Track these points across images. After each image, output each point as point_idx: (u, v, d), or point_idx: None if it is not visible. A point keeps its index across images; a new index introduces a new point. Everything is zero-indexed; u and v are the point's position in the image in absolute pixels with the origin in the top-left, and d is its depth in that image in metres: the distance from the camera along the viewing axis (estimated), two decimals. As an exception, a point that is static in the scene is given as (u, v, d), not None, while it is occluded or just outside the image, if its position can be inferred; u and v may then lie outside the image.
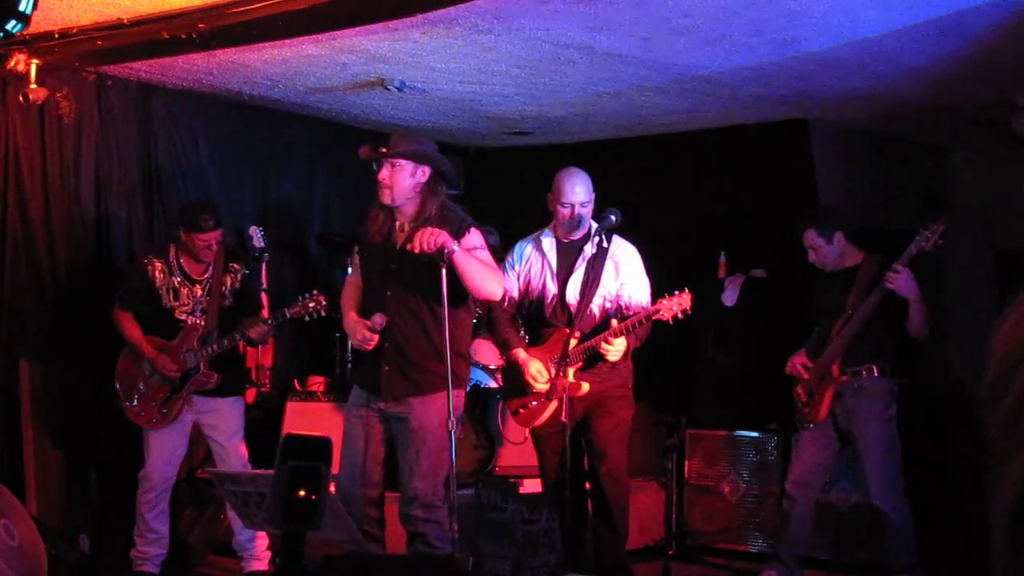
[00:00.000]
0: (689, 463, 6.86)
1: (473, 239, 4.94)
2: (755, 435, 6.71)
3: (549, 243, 5.62)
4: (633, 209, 5.59)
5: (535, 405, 5.51)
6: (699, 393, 7.30)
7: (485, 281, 4.93)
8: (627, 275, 5.52)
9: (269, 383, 6.98)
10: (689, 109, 7.08)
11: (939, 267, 7.74)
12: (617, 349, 5.30)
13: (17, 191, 6.10)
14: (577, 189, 5.46)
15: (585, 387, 5.36)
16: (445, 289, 4.74)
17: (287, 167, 7.54)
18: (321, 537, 4.49)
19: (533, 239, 5.71)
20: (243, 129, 7.22)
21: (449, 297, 4.83)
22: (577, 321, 5.37)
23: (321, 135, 7.61)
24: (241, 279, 5.88)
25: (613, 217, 5.29)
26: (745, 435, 6.75)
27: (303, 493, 2.01)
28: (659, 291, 5.44)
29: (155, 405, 5.76)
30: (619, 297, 5.50)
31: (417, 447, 4.99)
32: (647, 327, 5.40)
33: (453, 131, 8.07)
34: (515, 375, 5.55)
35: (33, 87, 5.68)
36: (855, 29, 5.27)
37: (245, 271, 5.92)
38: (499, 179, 8.83)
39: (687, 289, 5.26)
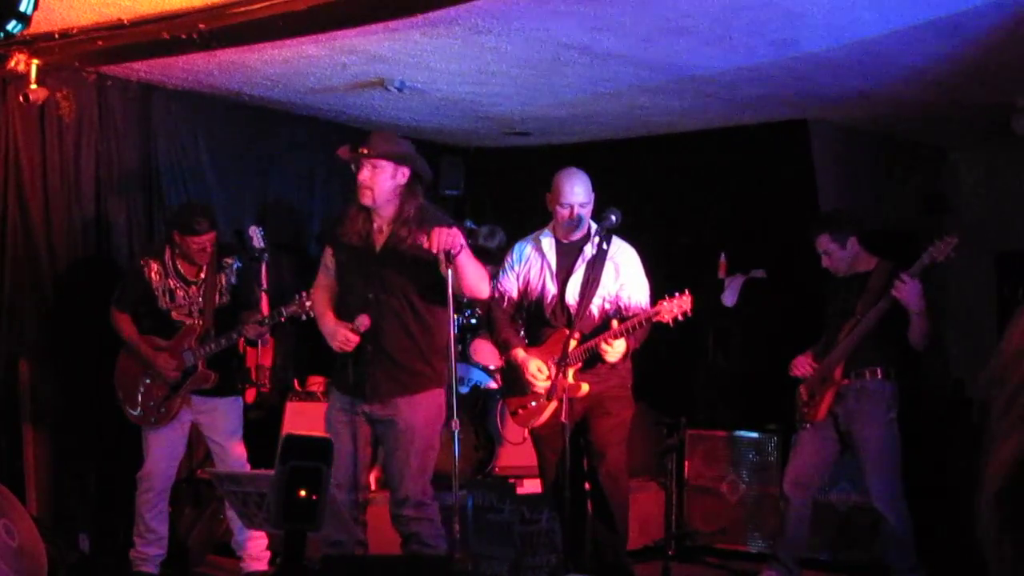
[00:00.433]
0: (689, 463, 6.86)
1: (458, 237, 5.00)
2: (755, 435, 6.71)
3: (549, 243, 5.61)
4: (633, 210, 5.58)
5: (534, 406, 5.50)
6: (699, 393, 7.31)
7: (479, 281, 5.01)
8: (627, 276, 5.51)
9: (269, 383, 6.97)
10: (689, 110, 7.08)
11: (939, 268, 7.73)
12: (617, 350, 5.29)
13: (17, 191, 6.10)
14: (576, 190, 5.46)
15: (585, 388, 5.35)
16: (450, 290, 4.77)
17: (287, 167, 7.54)
18: (319, 537, 4.50)
19: (532, 239, 5.70)
20: (243, 129, 7.22)
21: (434, 297, 4.92)
22: (577, 322, 5.37)
23: (321, 135, 7.59)
24: (236, 272, 5.88)
25: (613, 217, 5.29)
26: (745, 435, 6.75)
27: (303, 493, 2.01)
28: (659, 291, 5.43)
29: (153, 405, 5.77)
30: (618, 298, 5.50)
31: (406, 448, 5.00)
32: (646, 329, 5.39)
33: (453, 131, 8.07)
34: (515, 375, 5.54)
35: (33, 87, 5.69)
36: (855, 30, 5.28)
37: (238, 264, 5.92)
38: (499, 179, 8.83)
39: (687, 291, 5.26)
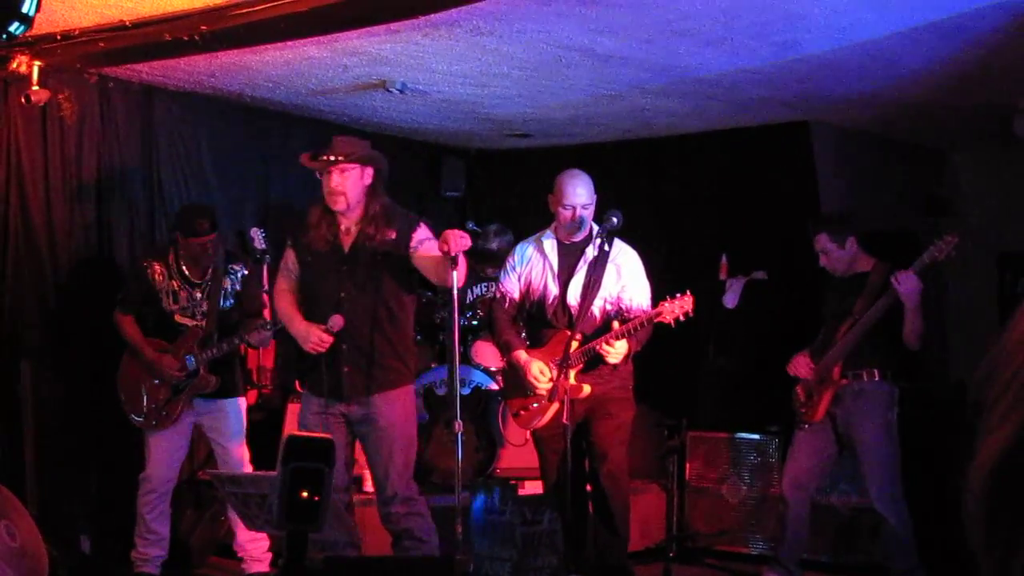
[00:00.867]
0: (690, 465, 6.85)
1: (425, 231, 5.10)
2: (756, 437, 6.70)
3: (550, 245, 5.62)
4: (634, 211, 5.59)
5: (536, 407, 5.50)
6: (700, 395, 7.30)
7: (445, 270, 4.98)
8: (628, 278, 5.51)
9: (271, 384, 6.98)
10: (690, 111, 7.08)
11: (941, 268, 7.73)
12: (618, 352, 5.29)
13: (19, 192, 6.10)
14: (579, 191, 5.46)
15: (586, 389, 5.35)
16: (456, 291, 4.79)
17: (289, 169, 7.52)
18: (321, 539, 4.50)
19: (534, 240, 5.70)
20: (245, 131, 7.22)
21: (403, 290, 5.08)
22: (578, 323, 5.37)
23: (323, 137, 7.56)
24: (241, 279, 5.89)
25: (615, 219, 5.29)
26: (746, 437, 6.74)
27: (305, 494, 2.01)
28: (660, 293, 5.43)
29: (155, 408, 5.77)
30: (620, 300, 5.50)
31: (389, 445, 5.02)
32: (648, 330, 5.39)
33: (454, 133, 8.07)
34: (516, 377, 5.54)
35: (35, 89, 5.68)
36: (856, 32, 5.28)
37: (244, 271, 5.92)
38: (500, 181, 8.84)
39: (688, 292, 5.26)
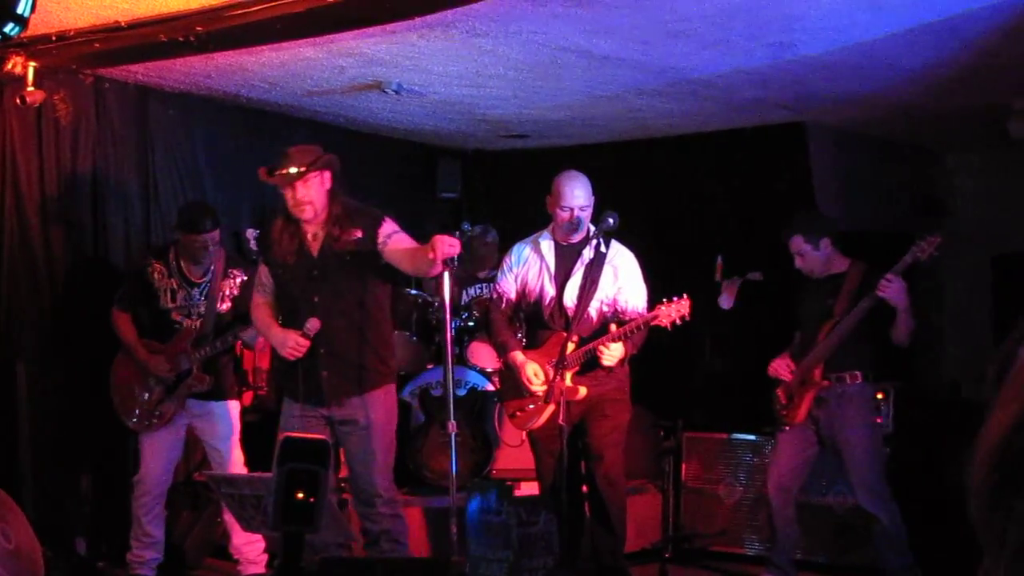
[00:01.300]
0: (686, 466, 6.85)
1: (391, 225, 5.10)
2: (752, 438, 6.70)
3: (548, 246, 5.61)
4: (630, 212, 5.58)
5: (532, 408, 5.50)
6: (696, 396, 7.31)
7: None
8: (625, 280, 5.51)
9: (266, 386, 6.97)
10: (686, 113, 7.09)
11: (935, 270, 7.75)
12: (614, 354, 5.29)
13: (14, 193, 6.09)
14: (577, 193, 5.46)
15: (583, 391, 5.35)
16: (448, 295, 4.78)
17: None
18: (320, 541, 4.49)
19: (531, 241, 5.70)
20: (240, 132, 7.21)
21: (378, 287, 5.08)
22: (574, 325, 5.37)
23: (319, 138, 7.55)
24: (240, 285, 5.88)
25: (611, 220, 5.29)
26: (742, 438, 6.74)
27: (301, 495, 2.01)
28: (656, 293, 5.43)
29: (148, 409, 5.76)
30: (616, 302, 5.50)
31: (372, 445, 5.02)
32: (644, 333, 5.39)
33: (450, 134, 8.07)
34: (512, 378, 5.54)
35: (30, 89, 5.68)
36: (851, 33, 5.28)
37: (244, 277, 5.92)
38: (496, 182, 8.84)
39: (686, 295, 5.26)
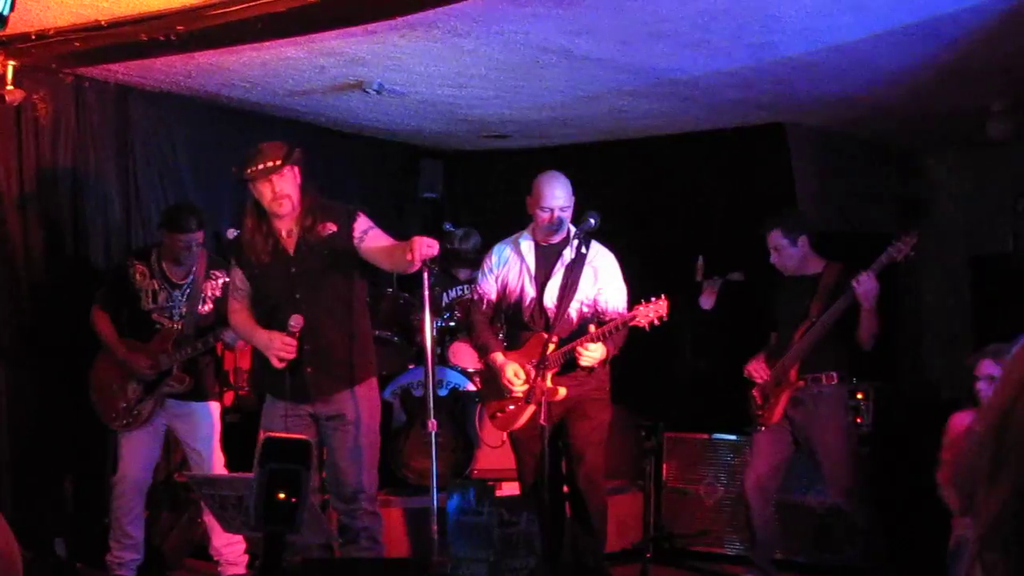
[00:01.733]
0: (667, 466, 6.87)
1: (365, 221, 5.07)
2: (733, 438, 6.71)
3: (528, 246, 5.61)
4: (611, 213, 5.59)
5: (513, 409, 5.49)
6: (677, 396, 7.32)
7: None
8: (605, 281, 5.51)
9: (247, 386, 6.95)
10: (667, 113, 7.10)
11: (914, 271, 7.78)
12: (594, 355, 5.29)
13: (-7, 193, 6.07)
14: (557, 193, 5.46)
15: (562, 392, 5.34)
16: (427, 293, 4.77)
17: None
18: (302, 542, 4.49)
19: (512, 242, 5.69)
20: (221, 131, 7.18)
21: (355, 282, 5.07)
22: (555, 326, 5.37)
23: (300, 138, 7.52)
24: (222, 287, 5.86)
25: (592, 220, 5.30)
26: (723, 438, 6.76)
27: (283, 495, 2.00)
28: (637, 294, 5.44)
29: (127, 408, 5.74)
30: (596, 302, 5.50)
31: (357, 440, 5.02)
32: (624, 333, 5.39)
33: (432, 134, 8.06)
34: (493, 379, 5.54)
35: (10, 88, 5.66)
36: (832, 34, 5.30)
37: (226, 279, 5.89)
38: (477, 182, 8.84)
39: (664, 296, 5.26)
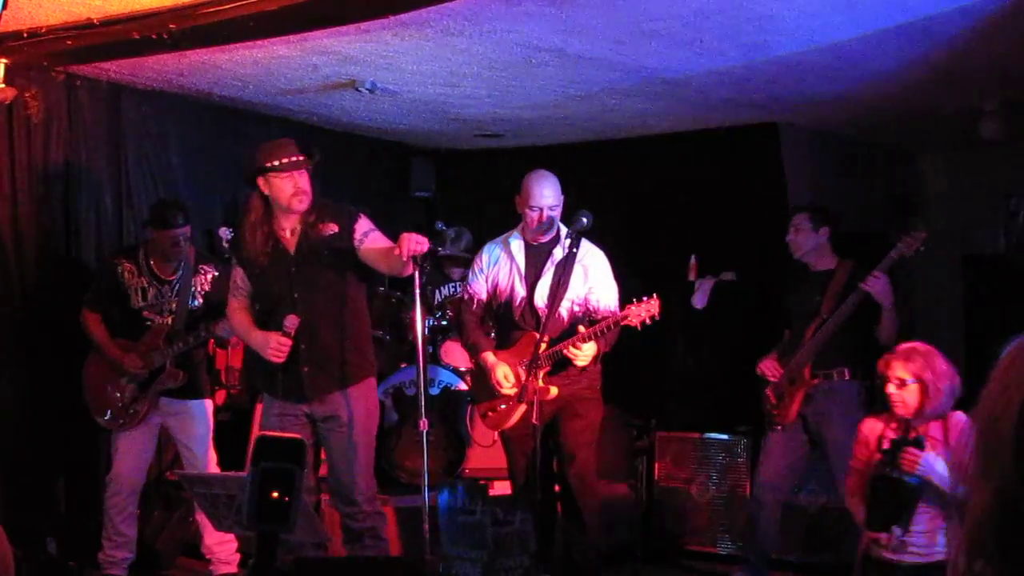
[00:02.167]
0: (659, 465, 6.88)
1: (366, 223, 5.06)
2: (725, 438, 6.72)
3: (518, 246, 5.60)
4: (603, 212, 5.59)
5: (504, 408, 5.49)
6: (669, 395, 7.32)
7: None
8: (595, 280, 5.49)
9: (239, 385, 6.95)
10: (660, 112, 7.11)
11: (908, 270, 7.80)
12: (586, 354, 5.28)
13: (-16, 191, 6.06)
14: (546, 192, 5.45)
15: (554, 391, 5.32)
16: (418, 291, 4.76)
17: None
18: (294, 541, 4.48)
19: (502, 242, 5.68)
20: (213, 130, 7.19)
21: (355, 282, 5.05)
22: (545, 325, 5.36)
23: (292, 136, 7.50)
24: (211, 281, 5.86)
25: (585, 219, 5.28)
26: (715, 437, 6.76)
27: (276, 494, 2.00)
28: (629, 294, 5.44)
29: (122, 407, 5.73)
30: (587, 301, 5.49)
31: (354, 441, 5.01)
32: (615, 332, 5.38)
33: (424, 133, 8.06)
34: (484, 379, 5.53)
35: (1, 87, 5.65)
36: (825, 34, 5.31)
37: (215, 273, 5.90)
38: (469, 181, 8.84)
39: (655, 295, 5.26)
